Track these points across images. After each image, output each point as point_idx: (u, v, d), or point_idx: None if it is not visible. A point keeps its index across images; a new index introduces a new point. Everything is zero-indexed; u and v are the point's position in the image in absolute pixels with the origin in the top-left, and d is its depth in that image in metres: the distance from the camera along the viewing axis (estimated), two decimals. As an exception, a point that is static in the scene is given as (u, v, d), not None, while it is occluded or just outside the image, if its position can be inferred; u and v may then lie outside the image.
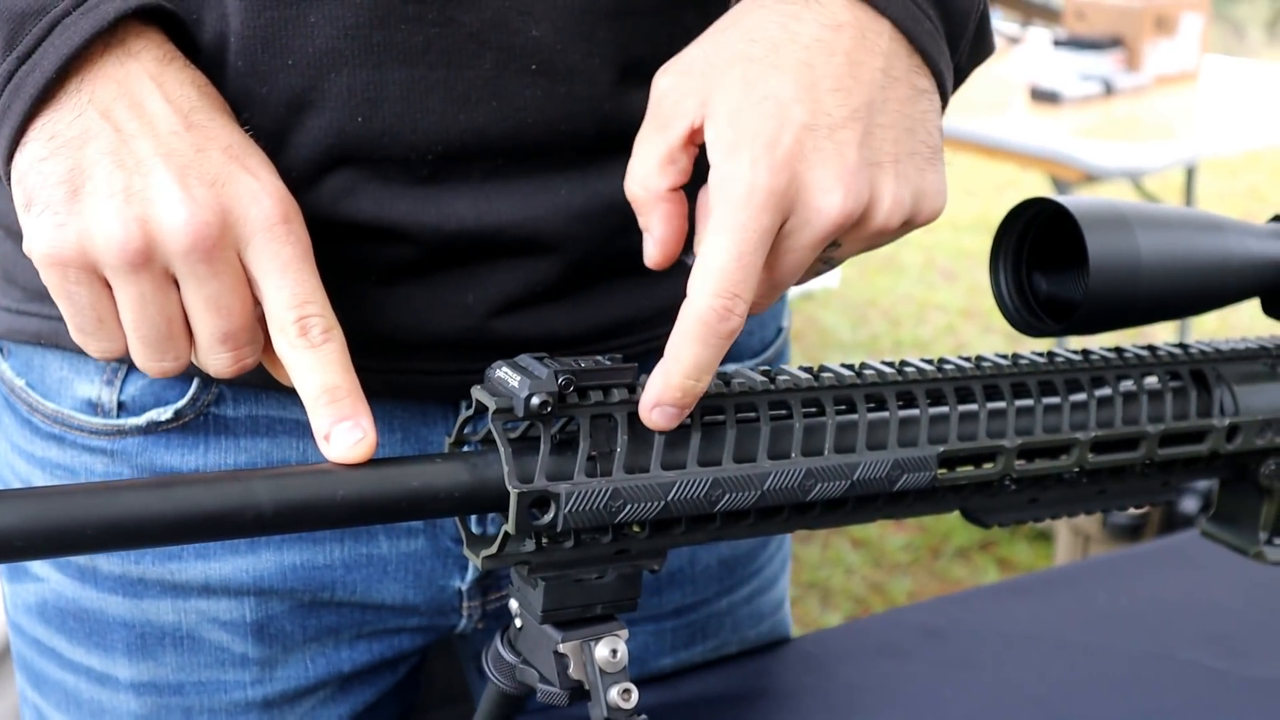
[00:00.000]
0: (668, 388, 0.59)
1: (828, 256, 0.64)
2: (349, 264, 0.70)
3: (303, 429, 0.77)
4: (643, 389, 0.61)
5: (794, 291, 4.14)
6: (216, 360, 0.63)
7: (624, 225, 0.70)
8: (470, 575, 0.83)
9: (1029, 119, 3.08)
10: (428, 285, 0.72)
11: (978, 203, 5.14)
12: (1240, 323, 4.02)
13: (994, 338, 4.12)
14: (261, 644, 0.81)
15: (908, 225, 0.64)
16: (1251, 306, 0.77)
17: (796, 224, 0.60)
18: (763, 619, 0.98)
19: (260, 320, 0.63)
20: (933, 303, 4.49)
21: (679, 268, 0.63)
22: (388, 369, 0.73)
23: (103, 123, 0.59)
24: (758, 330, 0.90)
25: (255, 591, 0.80)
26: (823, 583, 2.93)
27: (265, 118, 0.66)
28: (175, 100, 0.61)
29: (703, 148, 0.61)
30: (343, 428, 0.59)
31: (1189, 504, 2.45)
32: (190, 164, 0.60)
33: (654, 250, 0.62)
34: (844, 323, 4.26)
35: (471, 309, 0.72)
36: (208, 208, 0.59)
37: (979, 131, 2.95)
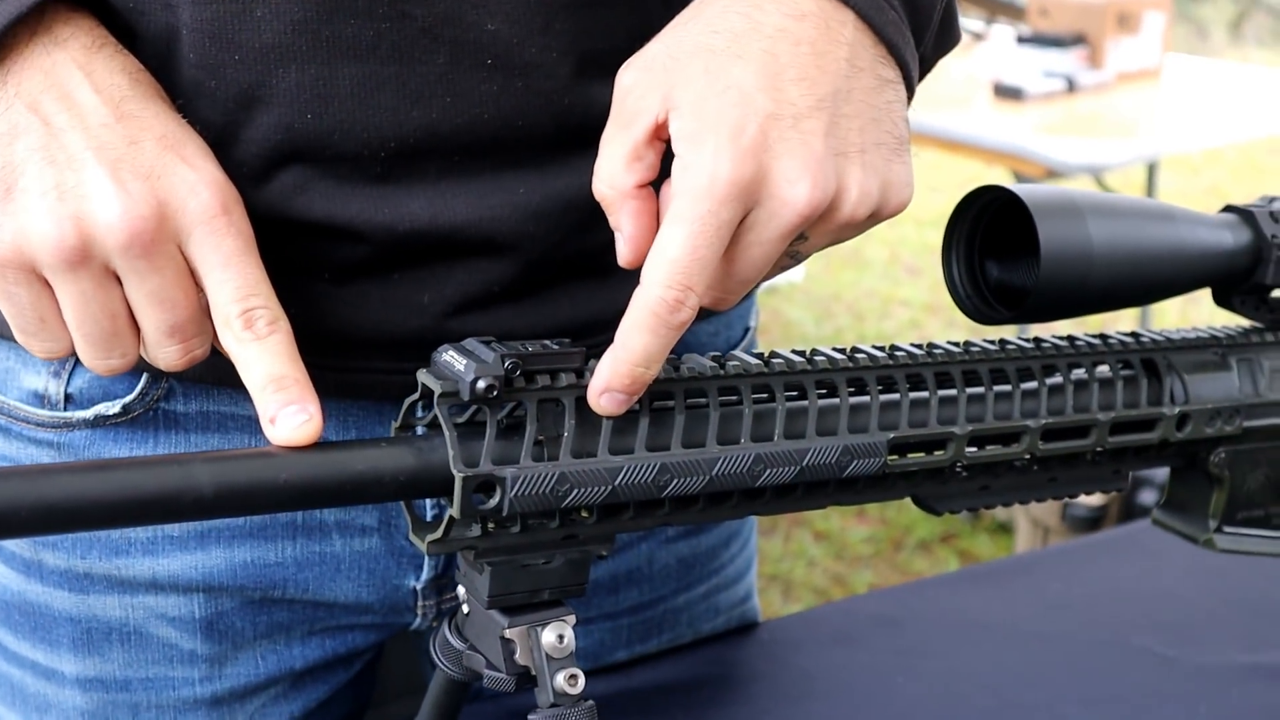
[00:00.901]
0: (616, 374, 0.59)
1: (794, 250, 0.63)
2: (301, 262, 0.69)
3: (255, 425, 0.76)
4: (591, 374, 0.61)
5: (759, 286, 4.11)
6: (165, 354, 0.62)
7: (583, 224, 0.69)
8: (425, 574, 0.83)
9: (993, 115, 3.09)
10: (382, 285, 0.71)
11: (942, 198, 5.15)
12: (1200, 315, 4.04)
13: (957, 332, 4.13)
14: (210, 641, 0.80)
15: (874, 217, 0.63)
16: (1211, 298, 0.77)
17: (762, 216, 0.59)
18: (718, 613, 0.98)
19: (207, 310, 0.62)
20: (897, 298, 4.51)
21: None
22: (341, 368, 0.73)
23: (31, 116, 0.58)
24: (723, 330, 0.89)
25: (204, 588, 0.79)
26: (784, 575, 2.94)
27: (215, 112, 0.65)
28: (105, 90, 0.59)
29: (669, 143, 0.60)
30: (289, 411, 0.59)
31: (1147, 495, 2.46)
32: (123, 157, 0.58)
33: (625, 249, 0.61)
34: (808, 317, 4.27)
35: (427, 309, 0.71)
36: (143, 202, 0.58)
37: (943, 127, 2.95)
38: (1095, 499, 2.44)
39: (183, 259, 0.60)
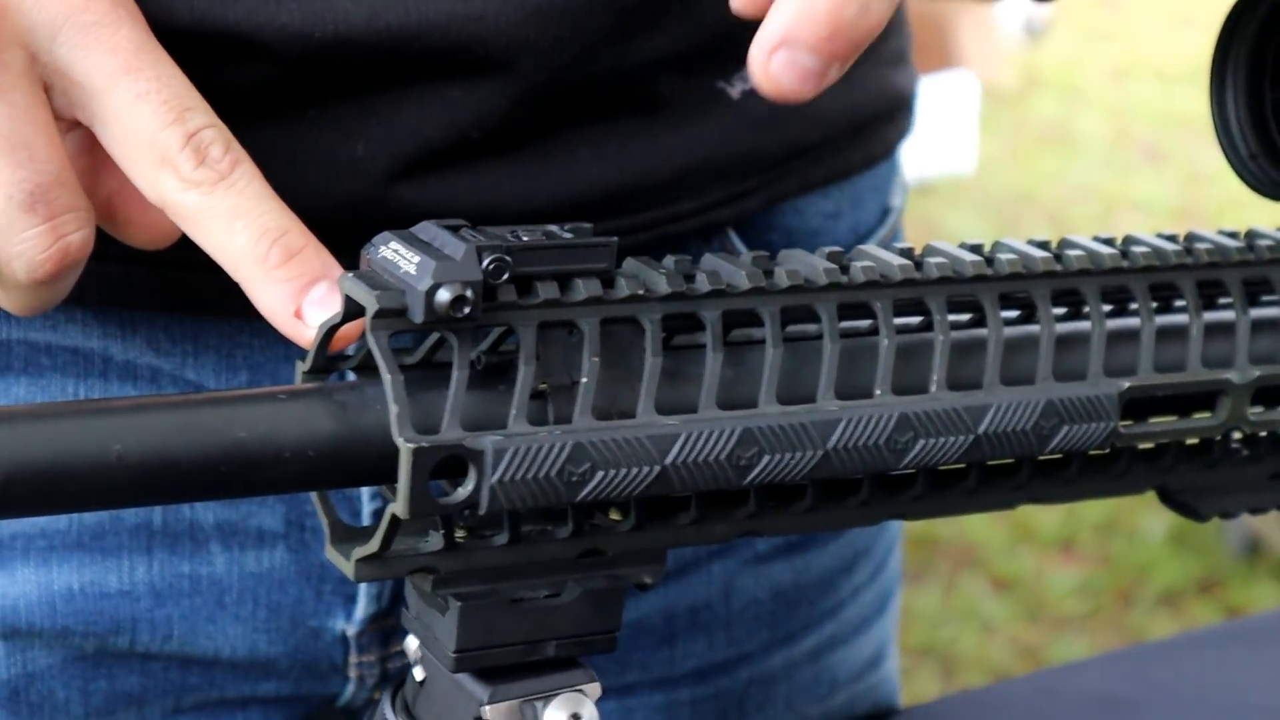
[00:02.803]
0: (806, 12, 0.57)
1: None
2: None
3: (99, 366, 0.79)
4: (625, 275, 0.61)
5: (911, 180, 4.14)
6: (24, 245, 0.63)
7: (619, 27, 0.73)
8: (361, 612, 0.84)
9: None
10: (291, 129, 0.74)
11: (1198, 37, 5.13)
12: None
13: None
14: (16, 719, 0.82)
15: None
16: None
17: None
18: (835, 687, 1.00)
19: (85, 170, 0.65)
20: (1127, 198, 4.51)
21: (712, 99, 0.62)
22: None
23: None
24: (848, 210, 0.93)
25: (4, 633, 0.81)
26: (945, 646, 2.95)
27: None
28: None
29: None
30: (319, 291, 0.62)
31: None
32: None
33: None
34: (983, 228, 4.29)
35: (363, 166, 0.74)
36: None
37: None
38: None
39: (39, 85, 0.63)
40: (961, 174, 4.56)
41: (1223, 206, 4.30)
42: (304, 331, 0.62)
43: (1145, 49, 5.53)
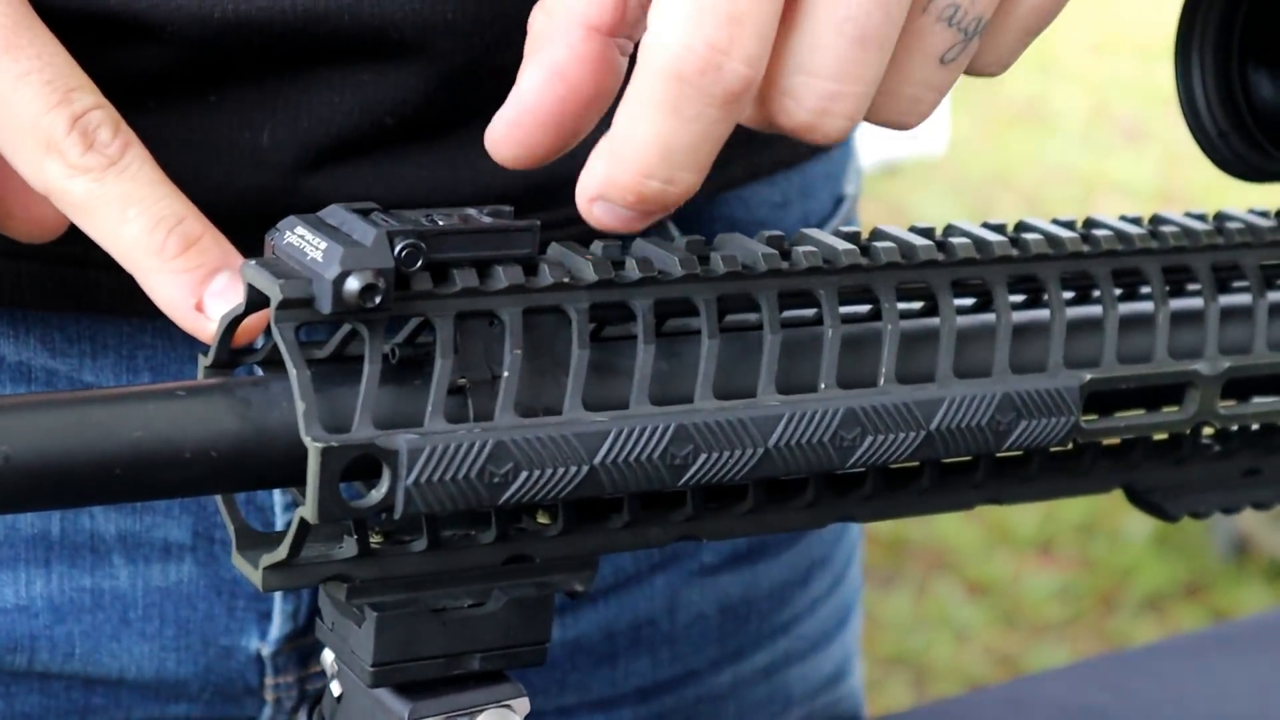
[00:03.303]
0: (614, 175, 0.58)
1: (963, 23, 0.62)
2: None
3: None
4: (549, 262, 0.61)
5: (869, 162, 4.15)
6: None
7: None
8: (277, 629, 0.85)
9: None
10: (193, 116, 0.74)
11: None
12: None
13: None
14: None
15: None
16: None
17: None
18: (790, 704, 1.00)
19: None
20: (1105, 179, 4.53)
21: None
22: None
23: None
24: (797, 200, 0.93)
25: None
26: (916, 655, 2.96)
27: None
28: None
29: None
30: (221, 281, 0.62)
31: None
32: None
33: (505, 122, 0.61)
34: (955, 212, 4.29)
35: (268, 155, 0.74)
36: None
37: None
38: None
39: None
40: (932, 154, 4.57)
41: (1208, 187, 4.32)
42: (206, 325, 0.62)
43: (1125, 23, 5.55)
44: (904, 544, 3.20)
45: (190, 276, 0.62)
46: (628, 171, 0.58)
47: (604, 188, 0.59)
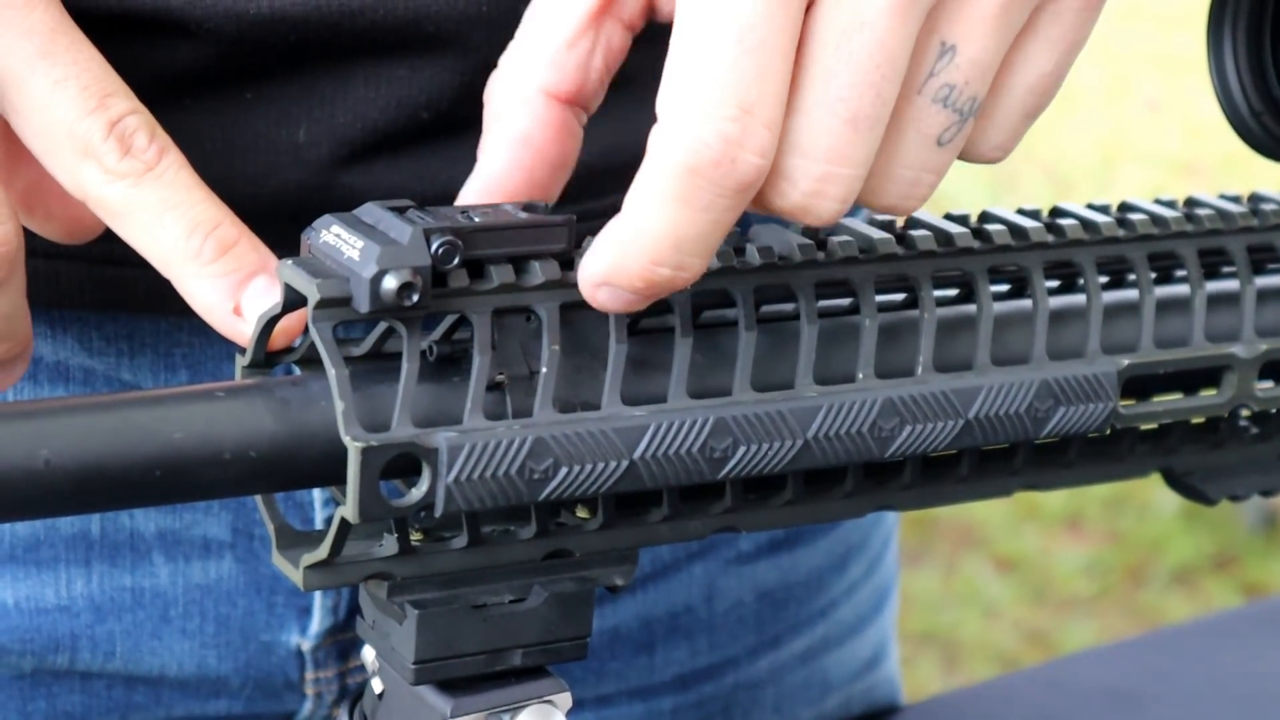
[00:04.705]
0: (622, 262, 0.58)
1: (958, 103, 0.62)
2: None
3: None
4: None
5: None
6: None
7: None
8: (318, 625, 0.85)
9: None
10: (229, 114, 0.73)
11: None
12: None
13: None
14: None
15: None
16: None
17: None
18: (829, 690, 1.00)
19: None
20: (1127, 152, 4.50)
21: None
22: None
23: None
24: None
25: None
26: (946, 632, 2.95)
27: None
28: None
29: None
30: (258, 285, 0.62)
31: None
32: None
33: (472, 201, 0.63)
34: (974, 190, 4.27)
35: (305, 152, 0.74)
36: None
37: None
38: None
39: None
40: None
41: (1230, 158, 4.30)
42: (244, 329, 0.62)
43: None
44: (932, 521, 3.20)
45: (227, 281, 0.62)
46: (638, 261, 0.58)
47: (612, 275, 0.59)
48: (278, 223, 0.70)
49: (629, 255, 0.58)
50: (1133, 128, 4.73)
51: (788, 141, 0.58)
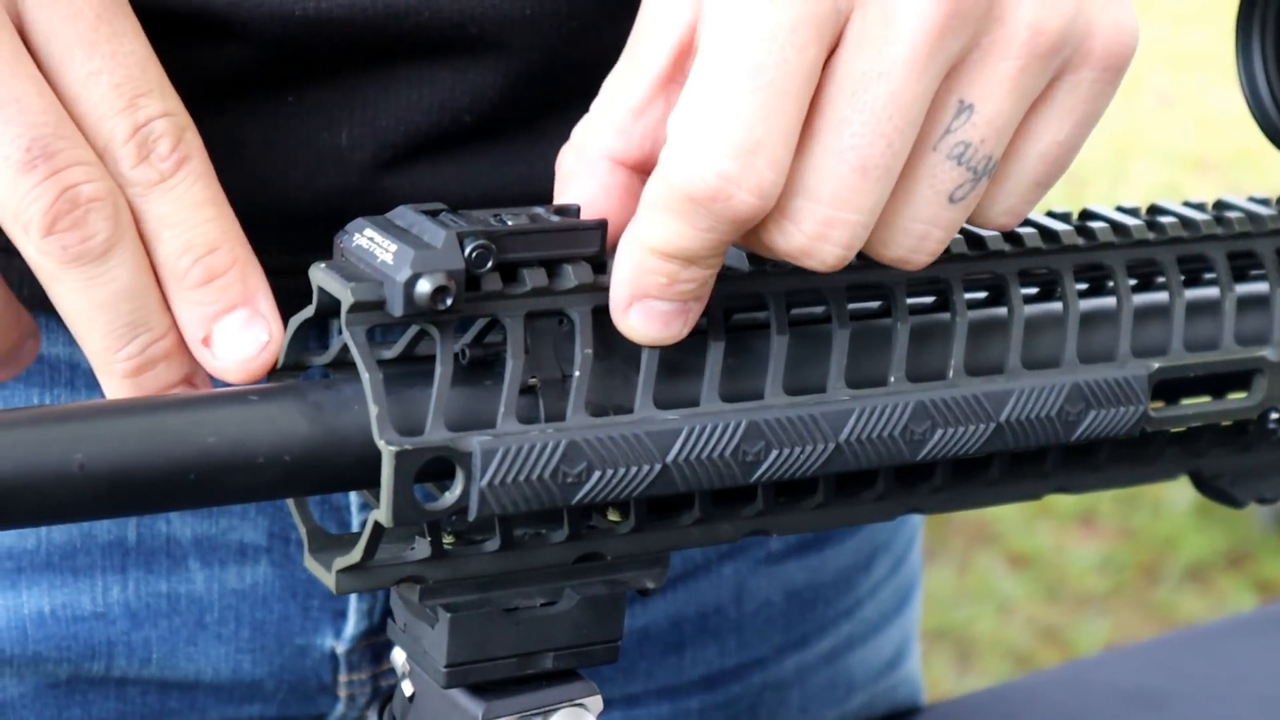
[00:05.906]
0: (641, 269, 0.59)
1: (973, 161, 0.62)
2: None
3: (48, 370, 0.79)
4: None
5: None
6: (32, 206, 0.60)
7: (619, 5, 0.70)
8: (352, 628, 0.85)
9: None
10: (271, 115, 0.73)
11: (1215, -22, 5.14)
12: None
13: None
14: None
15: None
16: None
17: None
18: (855, 690, 1.00)
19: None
20: (1141, 147, 4.49)
21: None
22: None
23: None
24: None
25: None
26: (961, 629, 2.95)
27: None
28: None
29: None
30: (234, 320, 0.62)
31: None
32: None
33: None
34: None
35: (347, 154, 0.74)
36: None
37: None
38: None
39: (17, 31, 0.62)
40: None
41: (1242, 153, 4.30)
42: (209, 360, 0.61)
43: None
44: (946, 518, 3.19)
45: (204, 310, 0.62)
46: (652, 260, 0.59)
47: (636, 282, 0.59)
48: (318, 226, 0.70)
49: (645, 256, 0.59)
50: (1145, 123, 4.71)
51: (795, 183, 0.58)
